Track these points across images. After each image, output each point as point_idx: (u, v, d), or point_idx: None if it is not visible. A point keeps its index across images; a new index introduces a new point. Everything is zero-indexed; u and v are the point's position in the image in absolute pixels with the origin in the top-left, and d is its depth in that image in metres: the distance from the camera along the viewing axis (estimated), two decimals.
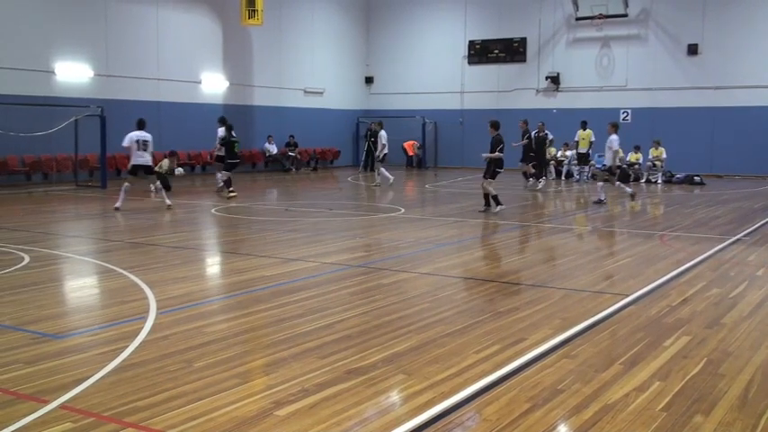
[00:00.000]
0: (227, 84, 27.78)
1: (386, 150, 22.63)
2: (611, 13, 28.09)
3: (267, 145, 29.08)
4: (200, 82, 26.79)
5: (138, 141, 15.62)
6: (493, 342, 5.96)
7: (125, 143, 15.78)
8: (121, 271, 8.83)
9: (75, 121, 20.94)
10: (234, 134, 18.87)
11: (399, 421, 4.35)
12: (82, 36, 22.78)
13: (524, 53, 30.67)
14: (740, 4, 26.55)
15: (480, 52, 31.48)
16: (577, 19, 28.95)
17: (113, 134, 21.08)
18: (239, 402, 4.62)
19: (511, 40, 30.83)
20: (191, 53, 26.23)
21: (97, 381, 4.98)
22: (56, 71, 22.24)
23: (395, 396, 4.85)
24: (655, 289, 8.09)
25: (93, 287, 8.60)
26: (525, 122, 22.29)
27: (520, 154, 22.39)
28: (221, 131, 19.06)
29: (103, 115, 20.85)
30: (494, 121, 16.04)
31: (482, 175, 15.66)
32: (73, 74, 22.66)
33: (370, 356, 5.57)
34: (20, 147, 20.44)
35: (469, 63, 31.78)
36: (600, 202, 17.10)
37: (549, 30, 30.05)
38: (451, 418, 4.41)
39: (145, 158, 15.76)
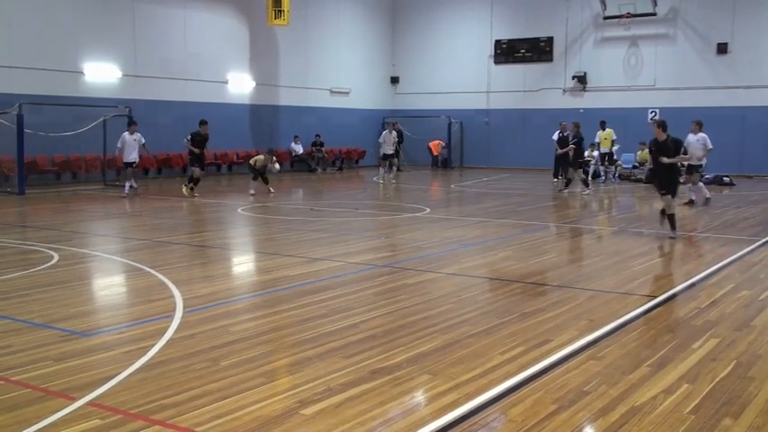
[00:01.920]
0: (253, 84, 27.92)
1: (386, 150, 23.33)
2: (639, 12, 27.85)
3: (293, 145, 29.18)
4: (226, 82, 26.96)
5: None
6: (518, 343, 5.93)
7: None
8: (149, 270, 8.90)
9: (104, 121, 21.16)
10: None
11: (424, 422, 4.34)
12: (110, 37, 23.02)
13: (551, 52, 30.50)
14: None
15: (507, 52, 31.36)
16: (605, 18, 28.73)
17: (142, 134, 21.32)
18: (264, 401, 4.64)
19: (537, 39, 30.68)
20: (217, 53, 26.40)
21: (124, 378, 5.03)
22: (84, 72, 22.49)
23: (419, 396, 4.85)
24: (683, 291, 8.01)
25: (121, 285, 8.69)
26: (577, 125, 21.01)
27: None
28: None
29: (131, 115, 21.03)
30: (662, 122, 12.21)
31: (659, 190, 12.05)
32: (101, 74, 22.91)
33: (394, 357, 5.56)
34: (49, 147, 20.67)
35: (496, 63, 31.67)
36: (691, 202, 16.74)
37: (577, 29, 29.86)
38: (476, 419, 4.40)
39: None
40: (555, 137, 21.56)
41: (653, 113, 28.11)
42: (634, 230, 13.02)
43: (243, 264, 10.45)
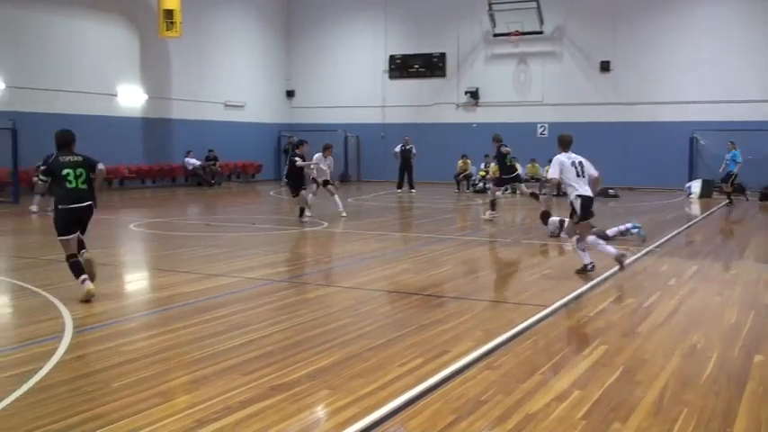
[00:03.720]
0: (145, 97, 27.25)
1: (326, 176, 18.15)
2: (526, 30, 28.77)
3: (188, 159, 28.63)
4: (116, 95, 26.21)
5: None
6: (416, 355, 6.00)
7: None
8: (36, 289, 8.54)
9: None
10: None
11: None
12: None
13: (444, 68, 31.13)
14: (648, 24, 27.58)
15: (401, 67, 31.80)
16: (495, 35, 29.55)
17: (26, 148, 20.45)
18: (160, 422, 4.52)
19: (431, 55, 31.25)
20: (106, 65, 25.65)
21: (9, 404, 4.80)
22: None
23: (319, 411, 4.83)
24: (572, 300, 8.29)
25: (6, 306, 8.29)
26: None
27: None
28: None
29: (15, 128, 20.15)
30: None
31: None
32: None
33: (293, 372, 5.52)
34: None
35: (390, 78, 32.07)
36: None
37: (468, 45, 30.59)
38: None
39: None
40: (397, 149, 24.12)
41: (542, 128, 29.08)
42: (527, 242, 13.40)
43: (136, 281, 10.15)
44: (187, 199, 23.45)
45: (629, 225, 13.15)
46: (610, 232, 12.89)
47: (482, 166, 27.20)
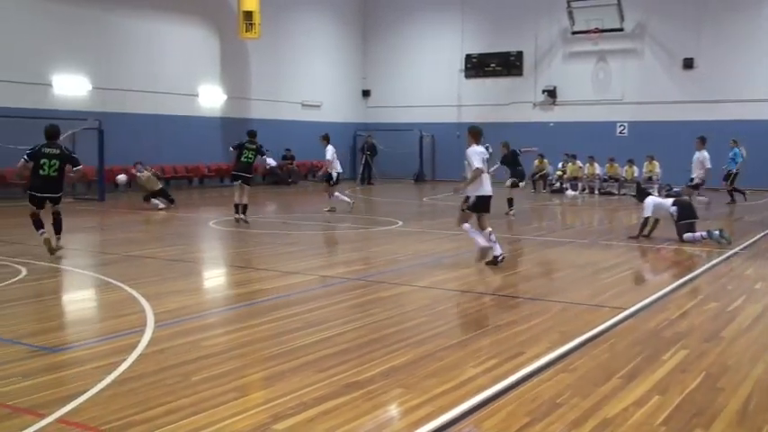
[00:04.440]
0: (224, 97, 27.83)
1: (339, 169, 19.10)
2: (606, 27, 28.22)
3: (265, 158, 29.02)
4: (197, 95, 26.85)
5: None
6: (491, 356, 5.95)
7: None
8: (119, 284, 8.81)
9: (73, 134, 20.94)
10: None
11: None
12: (79, 49, 22.83)
13: (521, 67, 30.80)
14: (735, 19, 26.69)
15: (477, 66, 31.62)
16: (573, 33, 29.08)
17: (111, 147, 21.16)
18: (237, 416, 4.60)
19: (507, 53, 30.96)
20: (188, 66, 26.30)
21: (94, 395, 4.96)
22: (53, 84, 22.27)
23: (393, 410, 4.84)
24: (653, 302, 8.09)
25: (91, 300, 8.59)
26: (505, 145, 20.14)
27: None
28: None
29: (101, 128, 20.86)
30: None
31: None
32: (71, 87, 22.70)
33: (368, 370, 5.55)
34: (17, 160, 20.39)
35: (466, 77, 31.91)
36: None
37: (546, 43, 30.20)
38: None
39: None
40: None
41: (621, 127, 28.49)
42: (604, 243, 13.14)
43: (215, 278, 10.38)
44: (264, 197, 23.82)
45: (704, 233, 12.62)
46: (687, 237, 12.51)
47: (559, 165, 26.80)
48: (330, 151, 18.58)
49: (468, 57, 31.73)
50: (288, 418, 4.57)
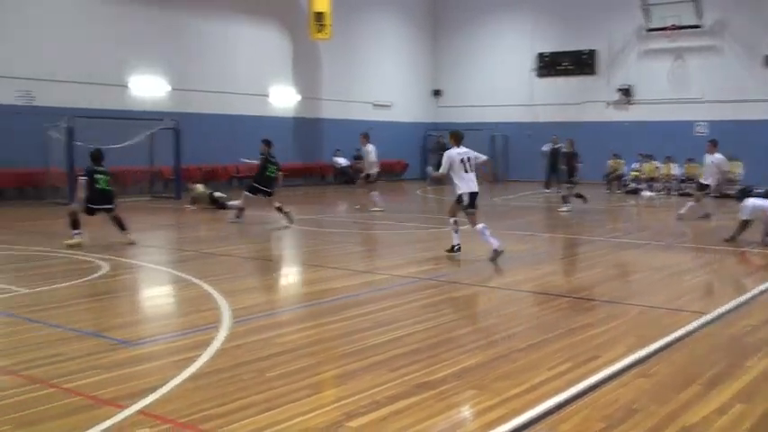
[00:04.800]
0: (296, 97, 28.17)
1: (376, 169, 19.28)
2: (684, 23, 27.49)
3: (336, 158, 29.33)
4: (269, 95, 27.24)
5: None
6: (566, 359, 5.85)
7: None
8: (196, 281, 8.99)
9: (151, 134, 21.52)
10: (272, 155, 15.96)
11: None
12: (157, 51, 23.45)
13: (594, 65, 30.29)
14: None
15: (549, 65, 31.24)
16: (649, 30, 28.42)
17: (187, 146, 21.66)
18: (310, 413, 4.64)
19: (580, 52, 30.48)
20: (260, 67, 26.73)
21: (173, 388, 5.08)
22: (130, 85, 22.91)
23: (465, 411, 4.81)
24: (735, 308, 7.83)
25: (169, 296, 8.80)
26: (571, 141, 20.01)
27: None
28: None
29: (177, 128, 21.37)
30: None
31: None
32: (147, 88, 23.32)
33: (439, 371, 5.53)
34: None
35: (538, 76, 31.55)
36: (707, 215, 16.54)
37: (620, 41, 29.59)
38: None
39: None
40: (546, 148, 24.22)
41: (699, 126, 27.70)
42: (683, 245, 12.80)
43: (288, 276, 10.51)
44: (336, 197, 24.03)
45: None
46: None
47: (635, 165, 26.23)
48: (374, 150, 18.91)
49: (541, 55, 31.37)
50: (360, 417, 4.58)
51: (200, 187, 19.56)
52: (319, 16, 26.49)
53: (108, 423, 4.41)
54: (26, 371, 5.44)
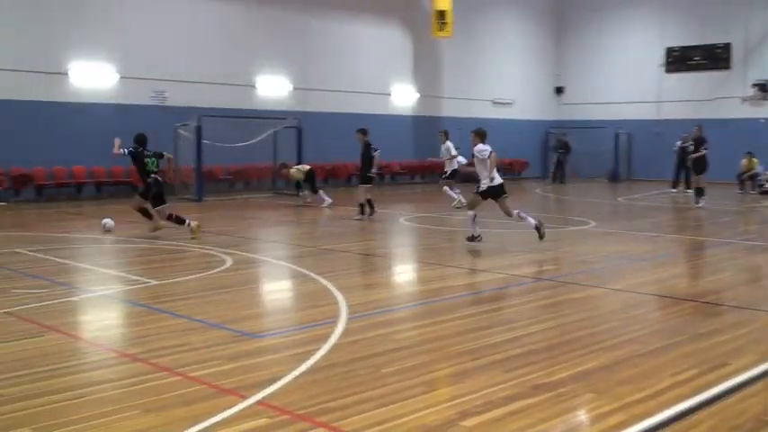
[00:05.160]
0: (417, 95, 28.27)
1: (455, 166, 19.33)
2: None
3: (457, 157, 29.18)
4: (390, 94, 27.46)
5: None
6: (691, 365, 5.61)
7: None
8: (314, 276, 9.18)
9: (275, 132, 22.12)
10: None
11: None
12: (281, 51, 24.09)
13: (728, 59, 28.90)
14: None
15: (679, 60, 30.07)
16: None
17: (309, 144, 22.15)
18: (425, 410, 4.64)
19: (713, 46, 29.16)
20: (382, 66, 26.98)
21: (291, 380, 5.19)
22: (257, 85, 23.63)
23: (583, 415, 4.69)
24: None
25: (289, 290, 9.01)
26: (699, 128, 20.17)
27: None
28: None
29: (300, 127, 21.88)
30: None
31: None
32: (272, 87, 23.99)
33: (557, 372, 5.41)
34: (224, 157, 21.86)
35: (667, 71, 30.41)
36: None
37: (758, 34, 28.08)
38: None
39: None
40: (677, 146, 23.75)
41: None
42: None
43: (405, 273, 10.56)
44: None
45: None
46: None
47: None
48: (453, 147, 19.38)
49: (670, 50, 30.22)
50: (475, 416, 4.55)
51: (293, 170, 19.70)
52: (441, 14, 26.53)
53: (229, 412, 4.56)
54: (154, 359, 5.70)
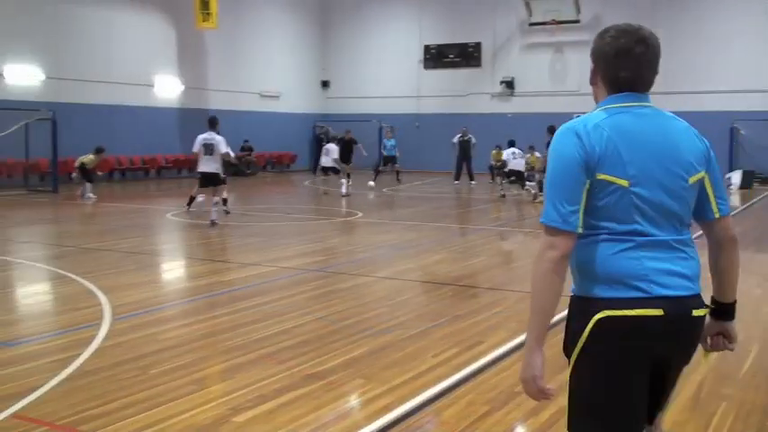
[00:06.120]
0: (182, 87, 27.49)
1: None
2: (563, 18, 28.46)
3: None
4: (153, 85, 26.47)
5: (204, 145, 13.53)
6: (451, 345, 5.99)
7: (194, 148, 13.73)
8: (75, 277, 8.67)
9: (26, 125, 20.52)
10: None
11: (358, 426, 4.35)
12: (31, 38, 22.33)
13: (479, 58, 30.97)
14: (688, 9, 27.11)
15: (436, 57, 31.72)
16: (531, 24, 29.28)
17: (65, 138, 20.78)
18: (196, 409, 4.57)
19: (466, 44, 31.09)
20: (143, 56, 25.88)
21: (50, 389, 4.88)
22: (4, 74, 21.78)
23: (353, 400, 4.85)
24: None
25: (46, 293, 8.44)
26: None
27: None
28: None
29: (54, 119, 20.46)
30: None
31: None
32: (23, 77, 22.21)
33: (328, 361, 5.55)
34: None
35: (425, 67, 31.99)
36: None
37: (504, 35, 30.37)
38: (410, 422, 4.42)
39: (209, 166, 13.52)
40: (455, 140, 25.27)
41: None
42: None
43: (173, 270, 10.27)
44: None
45: None
46: None
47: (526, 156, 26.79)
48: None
49: (428, 47, 31.81)
50: (247, 411, 4.55)
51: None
52: (205, 4, 25.92)
53: None
54: None
